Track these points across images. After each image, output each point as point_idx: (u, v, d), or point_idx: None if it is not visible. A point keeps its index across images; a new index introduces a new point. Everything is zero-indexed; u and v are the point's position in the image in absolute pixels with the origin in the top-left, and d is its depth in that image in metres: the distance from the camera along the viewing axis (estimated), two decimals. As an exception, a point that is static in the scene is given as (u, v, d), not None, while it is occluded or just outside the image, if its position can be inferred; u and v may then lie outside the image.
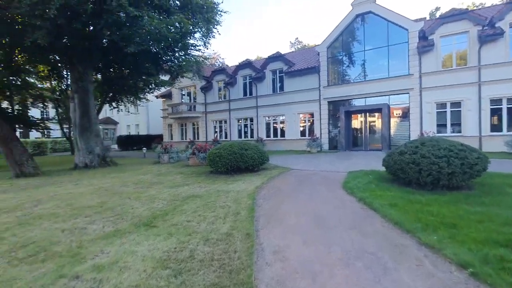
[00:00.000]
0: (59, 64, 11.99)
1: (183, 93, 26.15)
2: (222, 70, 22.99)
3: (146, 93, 19.37)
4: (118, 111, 20.26)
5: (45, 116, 28.11)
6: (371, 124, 17.26)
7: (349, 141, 17.09)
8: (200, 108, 24.11)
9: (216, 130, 24.01)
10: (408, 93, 15.06)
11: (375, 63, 16.20)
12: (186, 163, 11.90)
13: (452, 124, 14.35)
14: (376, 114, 16.87)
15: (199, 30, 11.42)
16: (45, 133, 28.25)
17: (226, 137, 23.10)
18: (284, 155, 15.51)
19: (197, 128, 25.03)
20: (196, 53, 13.62)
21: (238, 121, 22.40)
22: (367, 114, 16.78)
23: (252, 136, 21.14)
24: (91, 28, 10.25)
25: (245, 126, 22.15)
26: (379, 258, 2.78)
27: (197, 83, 24.05)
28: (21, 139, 25.27)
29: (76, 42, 9.82)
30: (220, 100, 23.44)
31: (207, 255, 2.89)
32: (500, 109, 13.15)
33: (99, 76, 16.95)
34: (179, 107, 24.05)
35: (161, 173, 9.40)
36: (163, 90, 28.27)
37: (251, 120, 21.48)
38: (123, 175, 9.29)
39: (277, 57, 19.63)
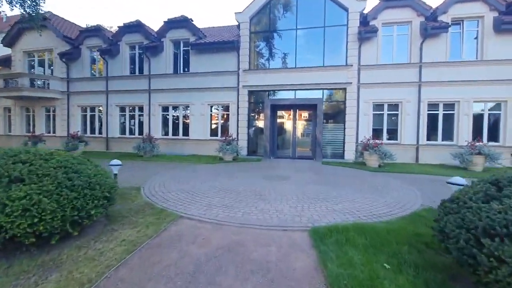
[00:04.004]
0: None
1: (32, 60, 16.75)
2: (96, 30, 15.20)
3: None
4: None
5: None
6: (302, 124, 13.69)
7: (274, 145, 13.01)
8: (57, 85, 15.53)
9: (88, 120, 16.01)
10: (345, 88, 12.06)
11: (309, 47, 12.60)
12: None
13: (388, 130, 12.13)
14: (308, 112, 13.40)
15: None
16: None
17: (100, 132, 15.55)
18: (183, 165, 9.96)
19: (54, 116, 16.29)
20: None
21: (121, 109, 15.28)
22: (297, 110, 13.07)
23: (141, 133, 14.53)
24: None
25: (132, 117, 15.26)
26: None
27: (54, 47, 15.52)
28: None
29: None
30: (93, 76, 15.67)
31: None
32: (437, 115, 11.56)
33: None
34: (19, 80, 14.84)
35: None
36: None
37: (141, 109, 14.81)
38: None
39: (181, 21, 13.75)
